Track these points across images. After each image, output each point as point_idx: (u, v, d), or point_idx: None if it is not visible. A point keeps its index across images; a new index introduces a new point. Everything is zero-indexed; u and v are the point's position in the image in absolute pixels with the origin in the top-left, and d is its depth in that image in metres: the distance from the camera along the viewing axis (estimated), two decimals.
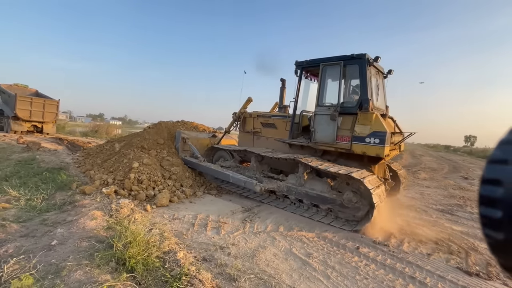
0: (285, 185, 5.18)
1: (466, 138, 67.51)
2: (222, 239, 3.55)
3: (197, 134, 7.90)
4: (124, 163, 5.76)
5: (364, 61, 4.76)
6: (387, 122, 4.99)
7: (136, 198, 4.76)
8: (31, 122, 15.26)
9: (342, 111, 4.95)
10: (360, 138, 4.64)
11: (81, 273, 2.26)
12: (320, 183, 4.88)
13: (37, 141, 11.02)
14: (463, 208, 6.08)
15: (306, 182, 4.99)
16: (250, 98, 7.05)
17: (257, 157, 5.88)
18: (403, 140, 5.32)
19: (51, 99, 16.12)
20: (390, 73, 5.66)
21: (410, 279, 2.89)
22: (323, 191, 4.76)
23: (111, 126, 26.69)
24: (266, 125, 6.67)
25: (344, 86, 5.36)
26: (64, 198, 4.38)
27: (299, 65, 5.69)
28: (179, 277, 2.37)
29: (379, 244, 3.72)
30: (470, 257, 3.54)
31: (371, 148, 4.53)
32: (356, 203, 4.33)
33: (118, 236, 2.87)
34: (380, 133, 4.45)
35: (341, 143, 4.89)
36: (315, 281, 2.74)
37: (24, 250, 2.62)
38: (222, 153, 7.03)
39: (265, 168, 6.03)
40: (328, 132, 5.05)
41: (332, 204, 4.61)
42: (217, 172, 5.98)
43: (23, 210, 3.73)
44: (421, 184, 9.08)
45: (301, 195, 4.96)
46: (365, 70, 4.74)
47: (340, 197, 4.52)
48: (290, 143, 5.79)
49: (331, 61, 5.15)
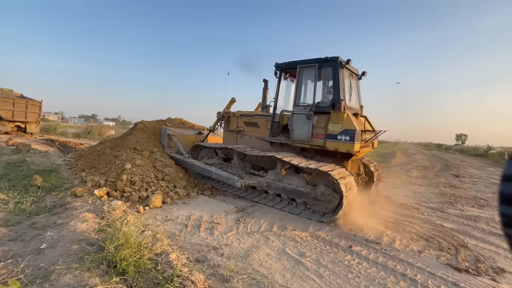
0: (265, 181, 5.46)
1: (457, 136, 68.73)
2: (216, 239, 3.54)
3: (183, 131, 8.06)
4: (116, 165, 5.69)
5: (337, 63, 5.04)
6: (359, 121, 5.31)
7: (129, 199, 4.72)
8: (14, 122, 15.45)
9: (317, 111, 5.24)
10: (332, 135, 4.95)
11: (71, 277, 2.23)
12: (297, 178, 5.15)
13: (28, 142, 10.80)
14: (453, 206, 6.18)
15: (284, 177, 5.27)
16: (233, 99, 7.30)
17: (239, 155, 6.12)
18: (375, 138, 5.61)
19: (33, 100, 16.31)
20: (364, 74, 6.01)
21: (402, 276, 2.93)
22: (298, 185, 5.04)
23: (104, 127, 26.35)
24: (249, 124, 6.92)
25: (319, 87, 5.65)
26: (54, 201, 4.31)
27: (279, 67, 5.98)
28: (171, 278, 2.35)
29: (372, 242, 3.76)
30: (460, 254, 3.60)
31: (342, 145, 4.83)
32: (328, 196, 4.61)
33: (110, 238, 2.83)
34: (350, 131, 4.75)
35: (316, 141, 5.19)
36: (308, 280, 2.75)
37: (12, 254, 2.57)
38: (207, 151, 7.23)
39: (247, 165, 6.26)
40: (304, 130, 5.35)
41: (307, 197, 4.90)
42: (201, 168, 6.23)
43: (12, 213, 3.66)
44: (413, 182, 9.21)
45: (279, 190, 5.26)
46: (337, 72, 5.04)
47: (314, 190, 4.80)
48: (270, 141, 6.04)
49: (307, 63, 5.44)
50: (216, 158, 6.83)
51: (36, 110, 16.35)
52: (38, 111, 16.47)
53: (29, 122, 16.06)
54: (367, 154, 6.13)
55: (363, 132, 5.08)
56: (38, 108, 16.42)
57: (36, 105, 16.35)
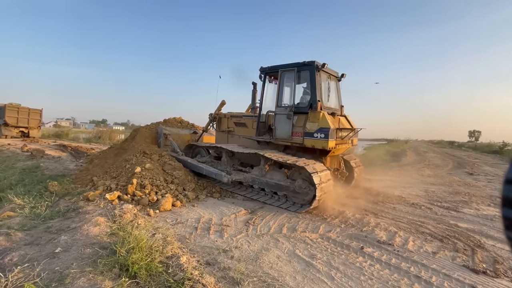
0: (250, 176, 5.94)
1: (470, 133, 66.82)
2: (225, 242, 3.54)
3: (178, 131, 8.55)
4: (126, 169, 5.78)
5: (313, 67, 5.48)
6: (335, 120, 5.79)
7: (139, 203, 4.78)
8: (18, 128, 17.96)
9: (296, 111, 5.71)
10: (309, 133, 5.37)
11: (85, 280, 2.27)
12: (278, 173, 5.62)
13: (41, 148, 11.13)
14: (468, 205, 6.00)
15: (267, 173, 5.75)
16: (223, 101, 7.74)
17: (228, 153, 6.58)
18: (354, 136, 6.10)
19: (34, 109, 18.93)
20: (343, 76, 6.52)
21: (416, 278, 2.86)
22: (280, 180, 5.51)
23: (114, 131, 26.90)
24: (238, 124, 7.43)
25: (298, 89, 6.05)
26: (68, 205, 4.41)
27: (263, 71, 6.44)
28: (182, 281, 2.37)
29: (384, 244, 3.69)
30: (476, 255, 3.48)
31: (318, 142, 5.24)
32: (305, 189, 5.04)
33: (121, 242, 2.87)
34: (325, 129, 5.16)
35: (296, 139, 5.63)
36: (319, 282, 2.72)
37: (28, 258, 2.64)
38: (200, 149, 7.70)
39: (235, 162, 6.71)
40: (285, 129, 5.82)
41: (287, 190, 5.34)
42: (193, 165, 6.74)
43: (28, 218, 3.76)
44: (425, 181, 9.00)
45: (263, 184, 5.75)
46: (314, 75, 5.47)
47: (293, 184, 5.24)
48: (257, 140, 6.45)
49: (288, 67, 5.90)
50: (208, 156, 7.30)
51: (37, 117, 18.92)
52: (39, 118, 19.05)
53: (31, 127, 18.51)
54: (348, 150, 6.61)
55: (338, 130, 5.51)
56: (39, 115, 19.03)
57: (37, 112, 18.91)
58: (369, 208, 5.41)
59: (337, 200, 5.33)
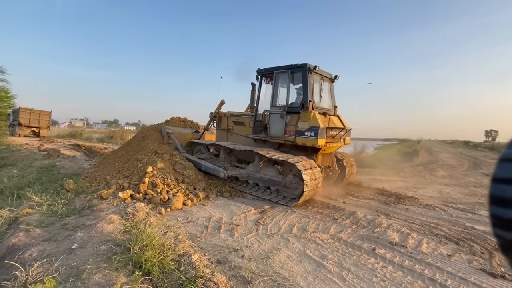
0: (246, 172, 6.29)
1: (487, 133, 64.57)
2: (236, 241, 3.56)
3: (181, 130, 8.90)
4: (138, 168, 5.90)
5: (306, 69, 5.74)
6: (326, 119, 6.00)
7: (151, 201, 4.87)
8: (30, 128, 20.67)
9: (289, 110, 6.00)
10: (301, 132, 5.64)
11: (100, 276, 2.33)
12: (272, 169, 5.97)
13: (57, 148, 11.50)
14: (485, 207, 5.81)
15: (261, 169, 6.12)
16: (223, 101, 8.08)
17: (225, 150, 6.92)
18: (346, 135, 6.36)
19: (45, 111, 21.53)
20: (336, 78, 6.79)
21: (430, 281, 2.79)
22: (272, 175, 5.85)
23: (126, 131, 27.49)
24: (237, 123, 7.74)
25: (292, 89, 6.31)
26: (82, 203, 4.54)
27: (260, 72, 6.73)
28: (194, 279, 2.40)
29: (396, 245, 3.62)
30: (494, 258, 3.37)
31: (309, 140, 5.52)
32: (295, 184, 5.37)
33: (135, 240, 2.93)
34: (315, 128, 5.44)
35: (288, 137, 5.92)
36: (331, 283, 2.69)
37: (47, 254, 2.73)
38: (200, 147, 8.09)
39: (233, 159, 7.10)
40: (279, 128, 6.14)
41: (279, 185, 5.68)
42: (193, 161, 6.99)
43: (45, 215, 3.89)
44: (439, 182, 8.77)
45: (257, 180, 6.09)
46: (306, 77, 5.74)
47: (284, 179, 5.56)
48: (254, 138, 6.74)
49: (282, 69, 6.18)
50: (208, 153, 7.70)
51: (47, 118, 21.62)
52: (48, 119, 21.77)
53: (42, 127, 21.19)
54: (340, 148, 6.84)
55: (328, 129, 5.74)
56: (48, 116, 21.72)
57: (47, 114, 21.56)
58: (380, 209, 5.32)
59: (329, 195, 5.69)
